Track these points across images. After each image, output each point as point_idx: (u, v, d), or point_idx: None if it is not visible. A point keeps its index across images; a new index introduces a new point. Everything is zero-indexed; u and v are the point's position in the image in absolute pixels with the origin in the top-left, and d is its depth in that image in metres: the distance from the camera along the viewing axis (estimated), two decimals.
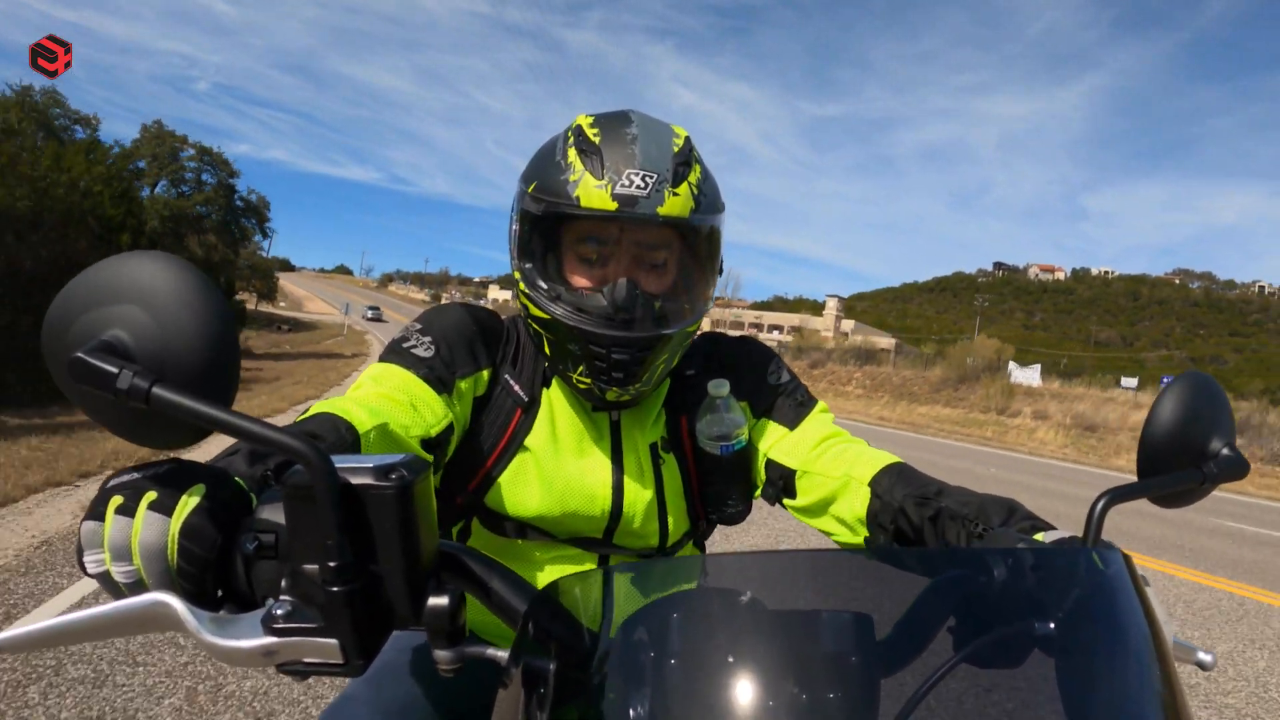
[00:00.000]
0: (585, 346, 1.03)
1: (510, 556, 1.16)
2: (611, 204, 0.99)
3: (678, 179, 1.03)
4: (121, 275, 0.58)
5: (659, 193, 1.00)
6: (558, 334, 1.05)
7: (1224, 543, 8.75)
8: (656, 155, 1.02)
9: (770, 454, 1.18)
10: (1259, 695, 4.20)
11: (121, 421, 0.59)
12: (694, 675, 0.52)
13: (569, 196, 1.01)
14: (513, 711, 0.56)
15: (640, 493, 1.16)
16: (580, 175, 1.01)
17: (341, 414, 0.88)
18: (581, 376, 1.07)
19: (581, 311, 1.03)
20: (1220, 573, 7.05)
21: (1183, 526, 9.32)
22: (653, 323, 1.05)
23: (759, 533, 6.46)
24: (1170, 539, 8.50)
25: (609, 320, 1.03)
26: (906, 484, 1.03)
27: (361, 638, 0.56)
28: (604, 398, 1.08)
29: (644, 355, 1.05)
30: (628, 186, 0.99)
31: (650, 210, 1.00)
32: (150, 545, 0.56)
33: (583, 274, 1.06)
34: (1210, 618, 5.62)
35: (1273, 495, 15.33)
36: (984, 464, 15.32)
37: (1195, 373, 0.82)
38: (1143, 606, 0.60)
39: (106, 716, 2.75)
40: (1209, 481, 0.78)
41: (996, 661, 0.58)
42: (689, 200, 1.03)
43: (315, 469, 0.53)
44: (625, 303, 1.02)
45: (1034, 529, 0.85)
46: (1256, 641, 5.15)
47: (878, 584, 0.60)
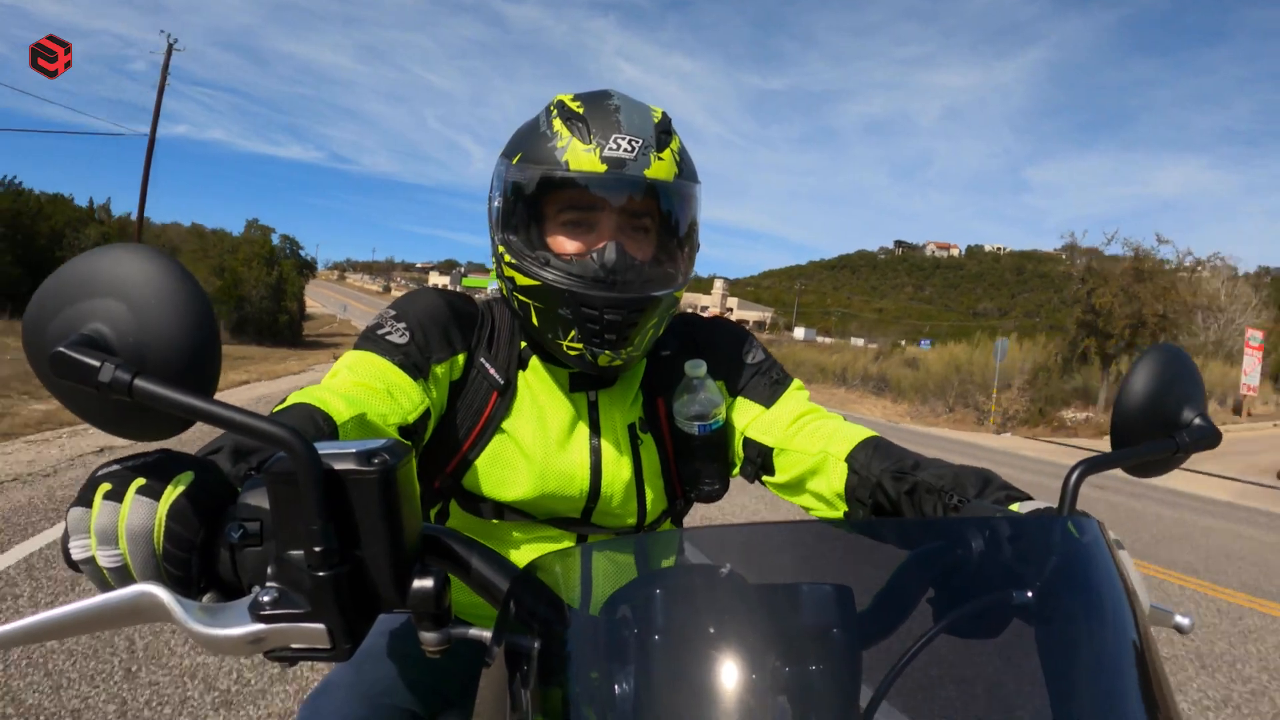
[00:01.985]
0: (578, 309, 1.04)
1: (488, 538, 1.16)
2: (600, 166, 1.02)
3: (660, 145, 1.06)
4: (100, 269, 0.58)
5: (645, 156, 1.03)
6: (547, 300, 1.06)
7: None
8: (640, 123, 1.05)
9: (747, 432, 1.19)
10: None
11: (104, 415, 0.59)
12: (676, 650, 0.53)
13: (557, 162, 1.03)
14: (497, 690, 0.57)
15: (618, 473, 1.17)
16: (568, 141, 1.03)
17: (319, 404, 0.88)
18: (573, 342, 1.07)
19: (572, 275, 1.04)
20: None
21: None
22: (641, 284, 1.07)
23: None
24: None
25: (600, 282, 1.04)
26: (883, 458, 1.04)
27: (348, 622, 0.57)
28: (595, 363, 1.09)
29: (635, 317, 1.06)
30: (615, 150, 1.02)
31: (638, 172, 1.03)
32: (137, 529, 0.56)
33: (568, 240, 1.07)
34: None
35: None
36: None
37: (1166, 345, 0.83)
38: (1119, 573, 0.61)
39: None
40: (1182, 450, 0.79)
41: (976, 631, 0.59)
42: (672, 165, 1.07)
43: (299, 455, 0.53)
44: (615, 264, 1.04)
45: (1010, 499, 0.86)
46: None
47: (857, 556, 0.61)
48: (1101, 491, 10.18)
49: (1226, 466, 14.31)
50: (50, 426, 8.37)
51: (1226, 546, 7.68)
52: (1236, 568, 6.74)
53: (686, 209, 1.12)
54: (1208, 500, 11.10)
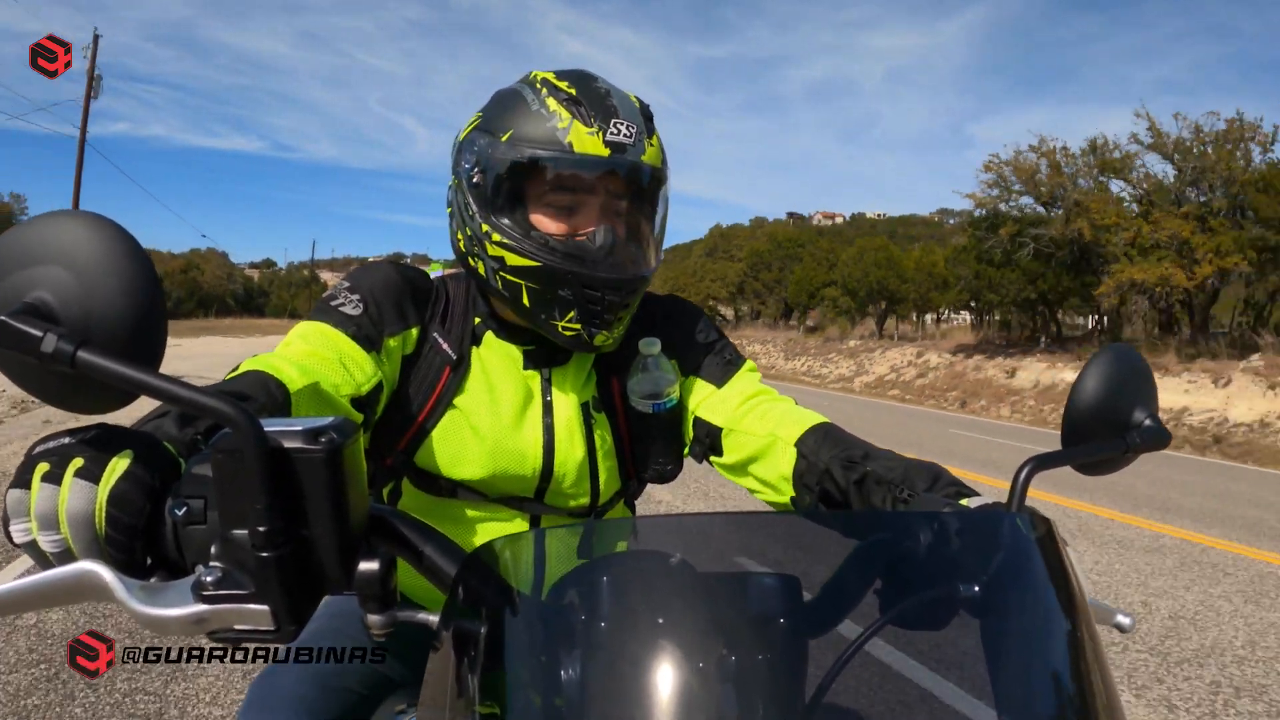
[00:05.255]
0: (580, 290, 1.06)
1: (442, 516, 1.16)
2: (604, 150, 1.04)
3: (650, 131, 1.09)
4: (45, 236, 0.56)
5: (641, 142, 1.06)
6: (544, 282, 1.06)
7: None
8: (630, 108, 1.08)
9: (698, 412, 1.19)
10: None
11: (47, 386, 0.58)
12: (624, 637, 0.53)
13: (560, 143, 1.03)
14: (443, 675, 0.57)
15: (571, 452, 1.17)
16: (569, 123, 1.04)
17: (273, 372, 0.88)
18: (570, 323, 1.08)
19: (572, 256, 1.06)
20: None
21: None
22: (636, 265, 1.11)
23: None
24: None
25: (600, 263, 1.07)
26: (833, 445, 1.05)
27: (292, 603, 0.56)
28: (591, 343, 1.10)
29: (630, 299, 1.10)
30: (617, 135, 1.04)
31: (636, 158, 1.06)
32: (77, 514, 0.55)
33: (552, 221, 1.08)
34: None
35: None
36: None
37: (1119, 345, 0.84)
38: (1063, 569, 0.62)
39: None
40: (1131, 451, 0.80)
41: (922, 623, 0.60)
42: (659, 151, 1.10)
43: (243, 432, 0.52)
44: (613, 246, 1.07)
45: (959, 495, 0.87)
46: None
47: (806, 547, 0.62)
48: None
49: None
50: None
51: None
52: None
53: (662, 194, 1.15)
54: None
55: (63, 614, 3.49)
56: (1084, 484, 7.76)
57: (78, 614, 3.52)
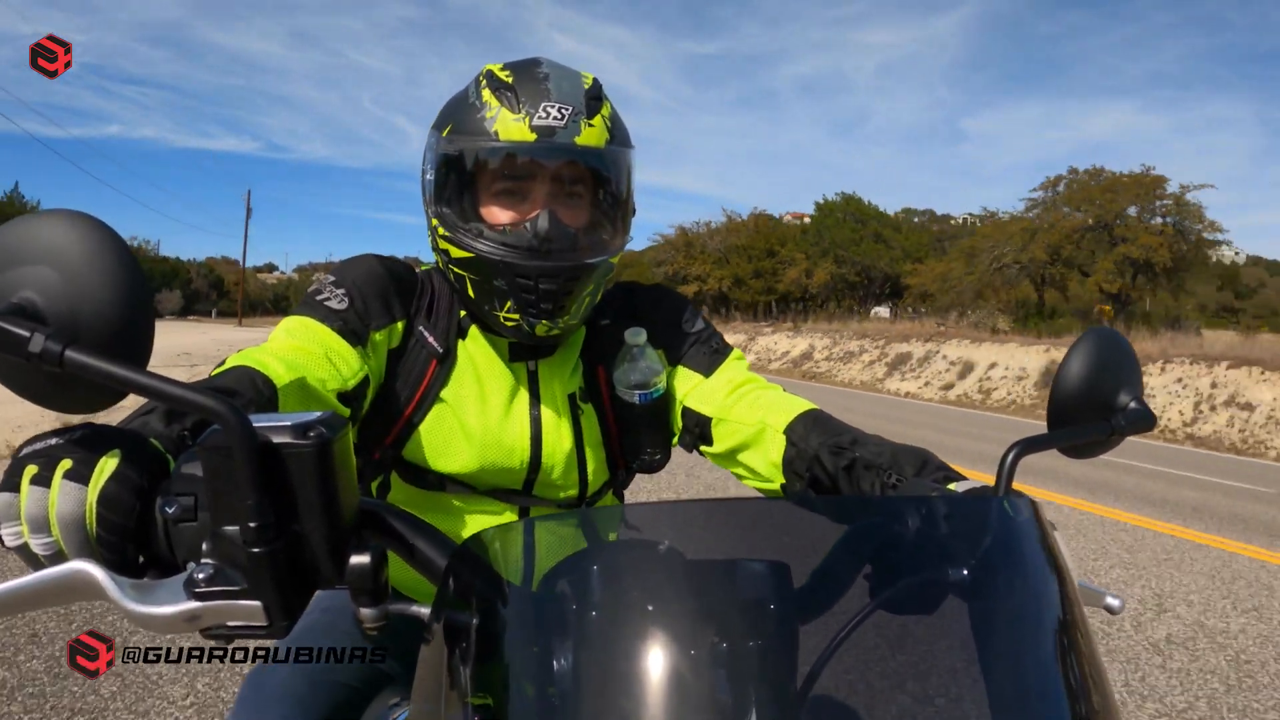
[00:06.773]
0: (512, 279, 1.04)
1: (431, 509, 1.16)
2: (530, 135, 1.02)
3: (591, 111, 1.05)
4: (32, 236, 0.56)
5: (575, 123, 1.03)
6: (482, 272, 1.06)
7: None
8: (569, 90, 1.05)
9: (686, 401, 1.19)
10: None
11: (35, 386, 0.58)
12: (614, 626, 0.53)
13: (487, 132, 1.02)
14: (436, 667, 0.57)
15: (559, 443, 1.17)
16: (496, 111, 1.03)
17: (259, 367, 0.87)
18: (509, 313, 1.07)
19: (506, 245, 1.04)
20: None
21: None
22: (576, 252, 1.06)
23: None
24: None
25: (534, 251, 1.04)
26: (822, 432, 1.05)
27: (285, 599, 0.56)
28: (533, 333, 1.09)
29: (570, 286, 1.06)
30: (544, 118, 1.02)
31: (568, 140, 1.03)
32: (68, 516, 0.55)
33: (501, 211, 1.07)
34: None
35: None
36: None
37: (1103, 328, 0.84)
38: (1051, 553, 0.62)
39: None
40: (1117, 433, 0.80)
41: (911, 607, 0.60)
42: (603, 131, 1.06)
43: (232, 429, 0.52)
44: (549, 233, 1.04)
45: (947, 479, 0.87)
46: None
47: (794, 533, 0.62)
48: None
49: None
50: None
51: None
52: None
53: (619, 175, 1.12)
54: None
55: (58, 615, 3.49)
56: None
57: (77, 614, 3.51)
